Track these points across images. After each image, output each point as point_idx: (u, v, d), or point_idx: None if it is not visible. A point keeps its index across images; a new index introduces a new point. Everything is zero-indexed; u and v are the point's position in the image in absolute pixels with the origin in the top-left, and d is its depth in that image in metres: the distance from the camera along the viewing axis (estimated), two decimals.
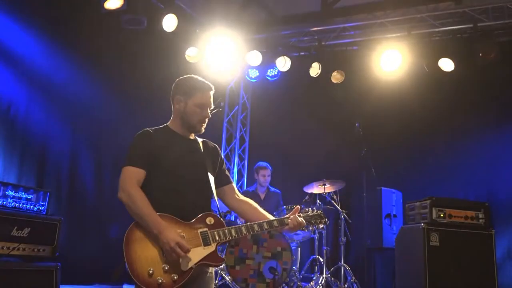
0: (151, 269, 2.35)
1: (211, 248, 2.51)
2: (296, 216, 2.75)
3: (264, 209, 6.72)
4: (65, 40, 5.86)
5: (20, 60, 5.46)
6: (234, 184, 2.90)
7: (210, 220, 2.57)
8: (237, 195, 2.86)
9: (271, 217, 2.78)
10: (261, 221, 2.69)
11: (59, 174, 5.82)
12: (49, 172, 5.69)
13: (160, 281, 2.33)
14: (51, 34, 5.72)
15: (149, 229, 2.42)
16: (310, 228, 5.44)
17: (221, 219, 2.62)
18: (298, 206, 2.81)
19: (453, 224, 4.83)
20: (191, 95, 2.71)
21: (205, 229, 2.54)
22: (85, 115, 6.13)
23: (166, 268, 2.37)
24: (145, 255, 2.38)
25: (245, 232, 2.61)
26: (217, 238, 2.53)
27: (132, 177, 2.53)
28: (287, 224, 2.71)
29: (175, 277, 2.37)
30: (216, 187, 2.80)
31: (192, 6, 6.92)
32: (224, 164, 2.91)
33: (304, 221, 2.77)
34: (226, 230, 2.57)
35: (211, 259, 2.50)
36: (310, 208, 2.95)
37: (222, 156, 2.93)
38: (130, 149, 2.63)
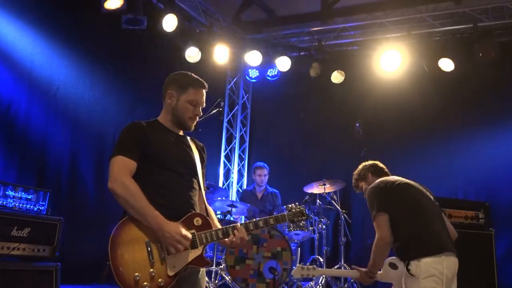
0: (138, 275, 2.29)
1: (198, 251, 2.46)
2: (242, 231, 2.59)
3: (261, 209, 6.74)
4: (65, 40, 5.85)
5: (20, 60, 5.45)
6: (204, 192, 2.77)
7: (197, 221, 2.51)
8: (204, 204, 2.73)
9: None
10: (247, 222, 2.64)
11: (59, 174, 5.81)
12: (49, 172, 5.68)
13: (146, 287, 2.29)
14: (51, 34, 5.71)
15: (146, 223, 2.36)
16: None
17: (208, 218, 2.57)
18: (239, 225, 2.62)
19: (453, 224, 4.77)
20: (184, 91, 2.65)
21: (193, 230, 2.47)
22: (85, 115, 6.13)
23: (153, 273, 2.32)
24: (131, 260, 2.31)
25: (231, 234, 2.55)
26: (204, 241, 2.48)
27: (125, 167, 2.44)
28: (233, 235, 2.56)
29: (162, 283, 2.32)
30: None
31: (192, 6, 6.92)
32: (205, 168, 2.84)
33: (247, 238, 2.61)
34: (213, 232, 2.51)
35: (197, 263, 2.46)
36: (293, 204, 2.90)
37: (205, 160, 2.84)
38: (121, 139, 2.54)
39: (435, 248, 2.99)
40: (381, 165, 3.74)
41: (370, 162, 3.79)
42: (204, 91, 2.71)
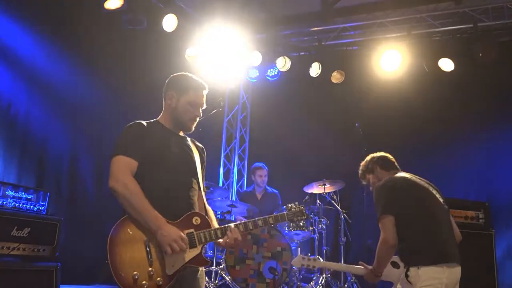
0: (136, 274, 2.29)
1: (197, 250, 2.47)
2: (235, 231, 2.60)
3: (261, 209, 6.76)
4: (65, 40, 5.86)
5: (20, 60, 5.45)
6: (203, 193, 2.78)
7: (196, 220, 2.52)
8: (204, 204, 2.75)
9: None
10: (247, 221, 2.66)
11: (59, 174, 5.81)
12: (49, 172, 5.68)
13: (145, 286, 2.29)
14: (51, 34, 5.72)
15: (146, 224, 2.37)
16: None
17: (207, 217, 2.58)
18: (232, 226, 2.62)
19: None
20: (184, 92, 2.66)
21: (191, 229, 2.48)
22: (85, 115, 6.13)
23: (151, 272, 2.32)
24: (130, 259, 2.32)
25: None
26: (203, 240, 2.49)
27: (126, 166, 2.45)
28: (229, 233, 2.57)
29: (160, 282, 2.33)
30: None
31: (192, 6, 6.92)
32: (205, 170, 2.86)
33: (240, 238, 2.61)
34: (212, 231, 2.53)
35: (196, 262, 2.47)
36: (293, 204, 2.91)
37: (205, 161, 2.86)
38: (122, 139, 2.54)
39: (438, 257, 2.89)
40: (391, 158, 3.59)
41: (379, 154, 3.62)
42: (204, 92, 2.73)
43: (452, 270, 2.90)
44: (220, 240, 2.58)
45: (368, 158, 3.64)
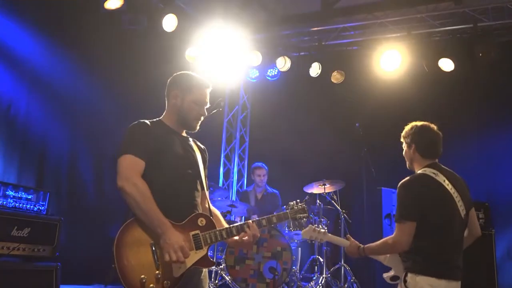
0: (144, 277, 2.28)
1: (203, 252, 2.46)
2: (254, 227, 2.63)
3: (260, 209, 6.74)
4: (65, 40, 5.86)
5: (20, 60, 5.46)
6: (207, 192, 2.78)
7: (201, 221, 2.51)
8: (208, 204, 2.74)
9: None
10: (251, 220, 2.65)
11: (59, 174, 5.82)
12: (49, 172, 5.68)
13: None
14: (51, 34, 5.72)
15: (152, 226, 2.35)
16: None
17: (211, 218, 2.58)
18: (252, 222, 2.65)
19: None
20: (189, 91, 2.66)
21: (197, 231, 2.47)
22: (85, 115, 6.13)
23: (159, 275, 2.31)
24: (137, 262, 2.30)
25: (235, 233, 2.57)
26: (208, 241, 2.48)
27: (134, 166, 2.42)
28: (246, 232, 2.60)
29: (168, 284, 2.32)
30: None
31: (192, 6, 6.92)
32: (207, 169, 2.85)
33: (258, 234, 2.64)
34: (217, 232, 2.52)
35: (202, 263, 2.46)
36: (294, 202, 2.91)
37: (207, 161, 2.85)
38: (128, 138, 2.52)
39: (441, 273, 2.76)
40: (436, 141, 3.21)
41: (427, 132, 3.22)
42: (208, 91, 2.72)
43: (452, 284, 2.80)
44: (236, 238, 2.58)
45: (412, 128, 3.29)
